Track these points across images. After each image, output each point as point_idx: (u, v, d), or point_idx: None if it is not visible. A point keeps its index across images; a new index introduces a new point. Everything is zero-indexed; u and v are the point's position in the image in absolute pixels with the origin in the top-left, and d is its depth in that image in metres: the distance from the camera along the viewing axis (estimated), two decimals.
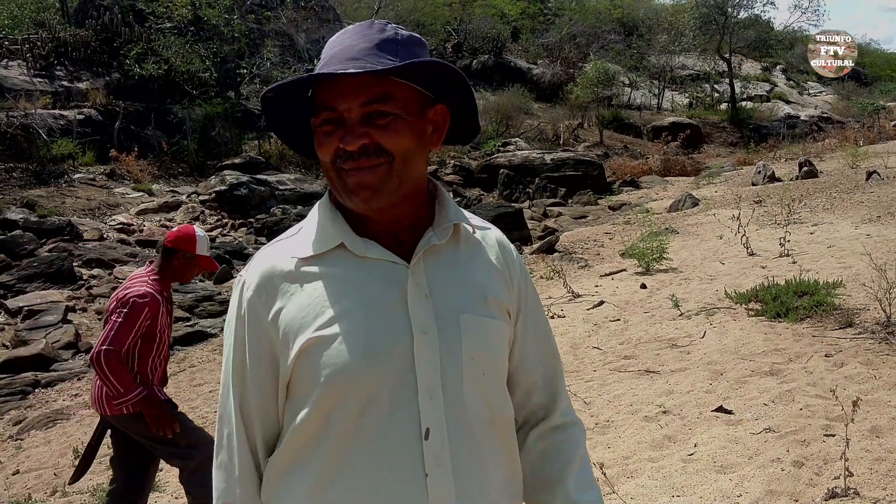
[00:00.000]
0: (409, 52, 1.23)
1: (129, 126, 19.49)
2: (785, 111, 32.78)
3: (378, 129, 1.20)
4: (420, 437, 1.20)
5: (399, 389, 1.21)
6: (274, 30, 24.20)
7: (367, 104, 1.19)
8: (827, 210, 11.96)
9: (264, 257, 1.30)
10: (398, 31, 1.25)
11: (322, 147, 1.23)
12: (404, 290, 1.24)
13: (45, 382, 7.92)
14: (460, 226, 1.33)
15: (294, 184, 17.62)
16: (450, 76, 1.26)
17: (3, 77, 19.09)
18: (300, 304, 1.23)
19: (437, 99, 1.28)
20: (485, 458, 1.27)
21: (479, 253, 1.34)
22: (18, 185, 15.73)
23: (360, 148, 1.19)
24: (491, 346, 1.29)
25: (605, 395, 5.18)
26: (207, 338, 9.03)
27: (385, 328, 1.22)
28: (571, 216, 17.01)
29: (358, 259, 1.25)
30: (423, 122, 1.26)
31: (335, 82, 1.20)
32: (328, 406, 1.21)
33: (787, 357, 5.32)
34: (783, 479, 3.55)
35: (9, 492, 5.12)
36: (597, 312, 7.56)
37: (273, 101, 1.28)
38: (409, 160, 1.23)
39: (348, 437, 1.21)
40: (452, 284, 1.28)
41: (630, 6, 39.98)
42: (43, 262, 11.34)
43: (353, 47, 1.21)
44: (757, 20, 33.93)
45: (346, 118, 1.20)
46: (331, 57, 1.22)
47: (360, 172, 1.20)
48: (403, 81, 1.22)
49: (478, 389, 1.26)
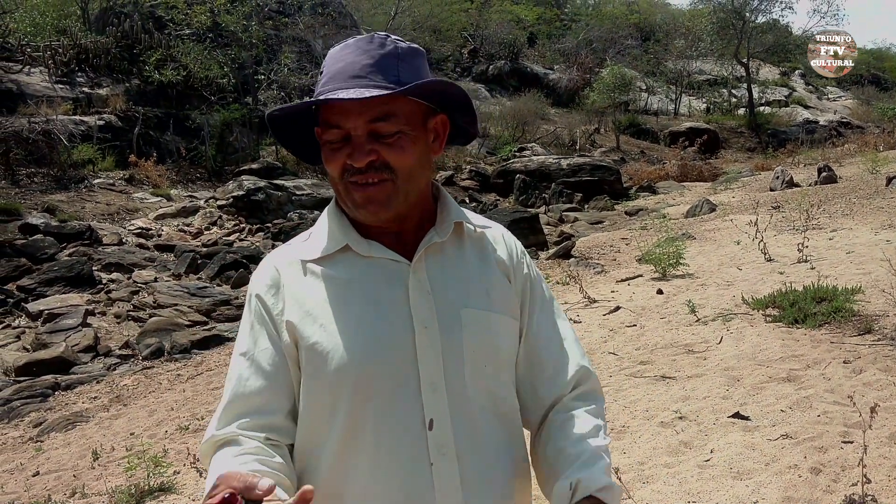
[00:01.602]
0: (410, 65, 1.27)
1: (148, 132, 19.69)
2: (804, 116, 32.58)
3: (385, 146, 1.25)
4: (424, 427, 1.25)
5: (403, 382, 1.25)
6: (291, 36, 24.37)
7: (372, 122, 1.24)
8: (846, 216, 11.86)
9: (274, 259, 1.36)
10: (398, 45, 1.29)
11: (330, 162, 1.28)
12: (406, 287, 1.29)
13: (64, 385, 8.00)
14: (462, 224, 1.38)
15: (311, 189, 17.71)
16: (449, 90, 1.31)
17: (25, 83, 19.36)
18: (307, 303, 1.29)
19: (437, 108, 1.33)
20: (489, 447, 1.30)
21: (480, 250, 1.39)
22: (40, 190, 15.93)
23: (367, 164, 1.24)
24: (492, 339, 1.32)
25: (621, 401, 5.16)
26: (224, 342, 9.09)
27: (388, 323, 1.26)
28: (588, 221, 16.97)
29: (362, 259, 1.31)
30: (426, 131, 1.31)
31: (339, 103, 1.24)
32: (335, 398, 1.25)
33: (805, 363, 5.28)
34: (800, 486, 3.53)
35: (29, 493, 5.17)
36: (613, 318, 7.54)
37: (279, 118, 1.34)
38: (413, 174, 1.28)
39: (355, 428, 1.25)
40: (454, 280, 1.32)
41: (647, 11, 39.93)
42: (63, 266, 11.47)
43: (355, 64, 1.25)
44: (775, 24, 33.78)
45: (353, 136, 1.25)
46: (334, 74, 1.26)
47: (367, 188, 1.26)
48: (405, 97, 1.26)
49: (480, 381, 1.30)
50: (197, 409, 6.62)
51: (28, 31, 21.23)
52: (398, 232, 1.33)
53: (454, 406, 1.27)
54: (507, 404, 1.35)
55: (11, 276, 11.31)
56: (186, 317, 9.94)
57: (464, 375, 1.28)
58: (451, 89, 1.30)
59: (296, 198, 17.16)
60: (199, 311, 10.22)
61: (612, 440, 4.49)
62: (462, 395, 1.28)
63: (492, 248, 1.40)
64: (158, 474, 4.75)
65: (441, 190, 1.40)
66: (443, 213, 1.37)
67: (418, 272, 1.30)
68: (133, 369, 8.42)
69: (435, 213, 1.37)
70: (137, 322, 9.90)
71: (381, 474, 1.24)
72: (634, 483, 3.85)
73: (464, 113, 1.36)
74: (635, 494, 3.67)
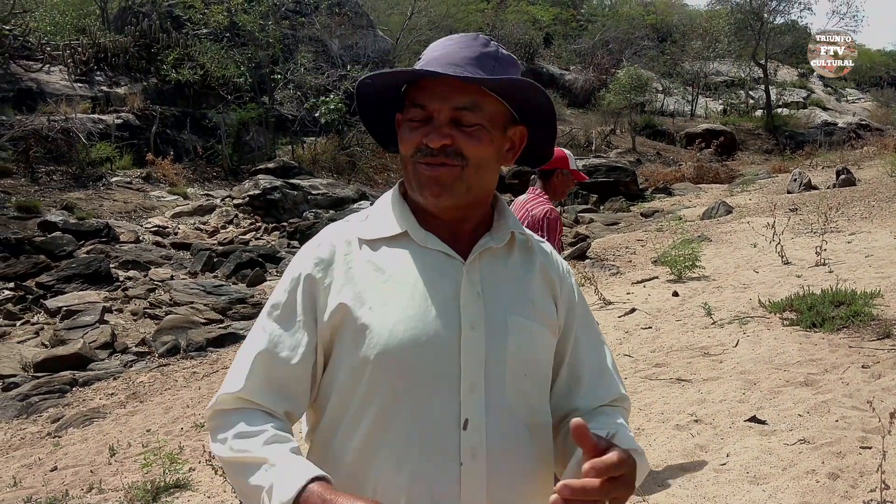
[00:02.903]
0: (505, 69, 1.29)
1: (165, 130, 19.83)
2: (822, 118, 32.30)
3: (463, 134, 1.26)
4: (458, 427, 1.24)
5: (442, 378, 1.25)
6: (308, 35, 24.44)
7: (457, 109, 1.26)
8: (865, 219, 11.76)
9: (332, 232, 1.36)
10: (500, 49, 1.32)
11: (405, 140, 1.30)
12: (458, 284, 1.29)
13: (82, 381, 8.07)
14: (516, 234, 1.39)
15: (326, 188, 17.76)
16: (538, 99, 1.32)
17: (44, 82, 19.54)
18: (358, 283, 1.28)
19: (520, 119, 1.35)
20: (519, 455, 1.29)
21: (531, 262, 1.40)
22: (58, 188, 16.07)
23: (441, 147, 1.25)
24: (535, 349, 1.33)
25: (637, 404, 5.14)
26: (239, 340, 9.12)
27: (436, 318, 1.26)
28: (603, 223, 16.92)
29: (419, 248, 1.31)
30: (504, 138, 1.33)
31: (430, 83, 1.27)
32: (373, 382, 1.24)
33: (823, 368, 5.24)
34: (818, 492, 3.50)
35: (46, 487, 5.22)
36: (628, 320, 7.51)
37: (368, 91, 1.35)
38: (481, 169, 1.29)
39: (389, 417, 1.24)
40: (503, 287, 1.33)
41: (664, 12, 39.72)
42: (81, 263, 11.57)
43: (455, 53, 1.28)
44: (794, 26, 33.52)
45: (435, 118, 1.26)
46: (433, 59, 1.28)
47: (435, 169, 1.26)
48: (494, 95, 1.28)
49: (519, 390, 1.30)
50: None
51: (48, 31, 21.43)
52: (455, 231, 1.34)
53: (490, 410, 1.26)
54: (541, 417, 1.35)
55: (31, 272, 11.42)
56: (202, 315, 10.00)
57: (504, 380, 1.28)
58: (539, 95, 1.31)
59: (311, 197, 17.22)
60: (214, 309, 10.27)
61: None
62: (499, 400, 1.27)
63: (540, 262, 1.41)
64: (174, 471, 4.78)
65: (499, 199, 1.41)
66: (500, 221, 1.38)
67: (472, 272, 1.31)
68: (149, 366, 8.48)
69: (492, 219, 1.38)
70: (154, 319, 9.97)
71: (410, 468, 1.23)
72: (650, 486, 3.83)
73: (543, 126, 1.37)
74: (650, 498, 3.65)
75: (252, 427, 1.23)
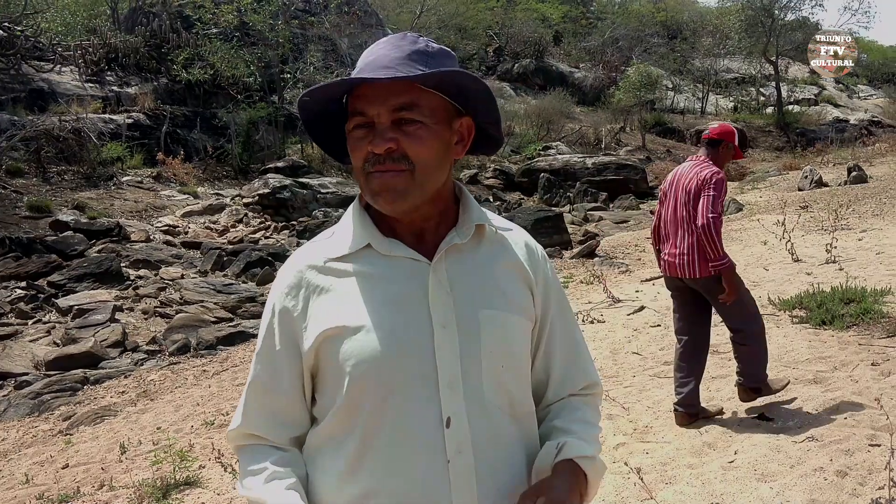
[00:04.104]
0: (438, 63, 1.29)
1: (175, 130, 19.91)
2: (833, 115, 32.07)
3: (405, 136, 1.26)
4: (441, 425, 1.27)
5: (420, 380, 1.27)
6: (317, 35, 24.47)
7: (395, 110, 1.26)
8: (876, 216, 11.69)
9: (298, 257, 1.39)
10: (429, 44, 1.32)
11: (354, 151, 1.31)
12: (426, 286, 1.30)
13: (93, 380, 8.11)
14: (484, 227, 1.39)
15: (336, 187, 17.79)
16: (475, 87, 1.32)
17: (56, 82, 19.67)
18: (327, 299, 1.32)
19: (464, 111, 1.35)
20: (505, 446, 1.33)
21: (501, 253, 1.40)
22: (70, 188, 16.16)
23: (386, 151, 1.26)
24: (510, 340, 1.35)
25: (645, 401, 5.14)
26: (249, 338, 9.16)
27: (406, 322, 1.28)
28: (612, 221, 16.87)
29: (383, 258, 1.33)
30: (450, 132, 1.33)
31: (366, 89, 1.27)
32: (356, 394, 1.28)
33: (832, 365, 5.22)
34: (826, 489, 3.49)
35: (58, 485, 5.26)
36: (637, 318, 7.50)
37: (310, 107, 1.35)
38: (430, 168, 1.30)
39: (374, 425, 1.28)
40: (473, 281, 1.34)
41: (674, 9, 39.50)
42: (92, 262, 11.63)
43: (385, 56, 1.28)
44: (805, 22, 33.27)
45: (377, 123, 1.27)
46: (365, 65, 1.29)
47: (385, 176, 1.27)
48: (431, 90, 1.28)
49: (497, 381, 1.32)
50: (222, 404, 6.69)
51: (59, 31, 21.53)
52: (419, 231, 1.35)
53: (471, 405, 1.29)
54: (523, 405, 1.38)
55: (42, 271, 11.50)
56: (212, 313, 10.04)
57: (481, 375, 1.30)
58: (471, 82, 1.31)
59: (321, 196, 17.25)
60: (224, 307, 10.32)
61: (636, 441, 4.48)
62: (479, 395, 1.30)
63: (512, 251, 1.41)
64: (184, 468, 4.82)
65: (464, 191, 1.42)
66: (464, 215, 1.38)
67: (438, 272, 1.32)
68: (160, 364, 8.53)
69: (457, 214, 1.39)
70: (164, 318, 10.02)
71: (399, 470, 1.26)
72: (657, 483, 3.83)
73: (487, 114, 1.37)
74: (658, 495, 3.65)
75: (255, 465, 1.33)
